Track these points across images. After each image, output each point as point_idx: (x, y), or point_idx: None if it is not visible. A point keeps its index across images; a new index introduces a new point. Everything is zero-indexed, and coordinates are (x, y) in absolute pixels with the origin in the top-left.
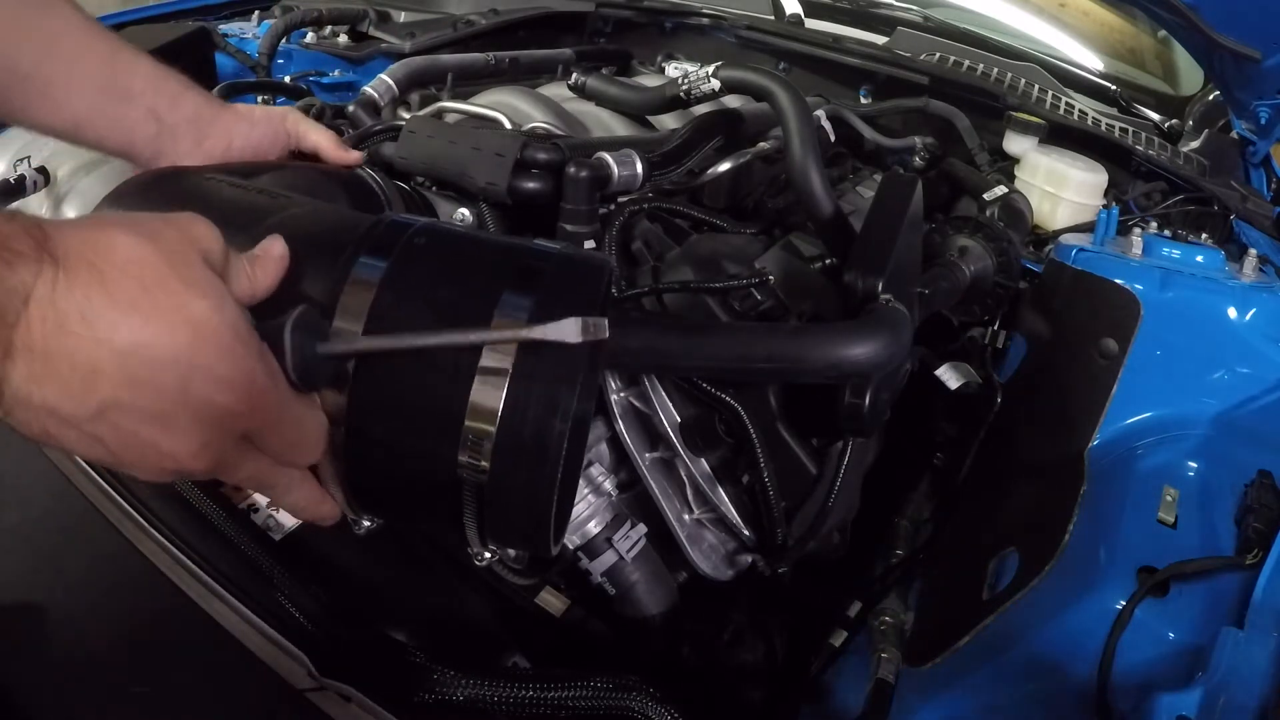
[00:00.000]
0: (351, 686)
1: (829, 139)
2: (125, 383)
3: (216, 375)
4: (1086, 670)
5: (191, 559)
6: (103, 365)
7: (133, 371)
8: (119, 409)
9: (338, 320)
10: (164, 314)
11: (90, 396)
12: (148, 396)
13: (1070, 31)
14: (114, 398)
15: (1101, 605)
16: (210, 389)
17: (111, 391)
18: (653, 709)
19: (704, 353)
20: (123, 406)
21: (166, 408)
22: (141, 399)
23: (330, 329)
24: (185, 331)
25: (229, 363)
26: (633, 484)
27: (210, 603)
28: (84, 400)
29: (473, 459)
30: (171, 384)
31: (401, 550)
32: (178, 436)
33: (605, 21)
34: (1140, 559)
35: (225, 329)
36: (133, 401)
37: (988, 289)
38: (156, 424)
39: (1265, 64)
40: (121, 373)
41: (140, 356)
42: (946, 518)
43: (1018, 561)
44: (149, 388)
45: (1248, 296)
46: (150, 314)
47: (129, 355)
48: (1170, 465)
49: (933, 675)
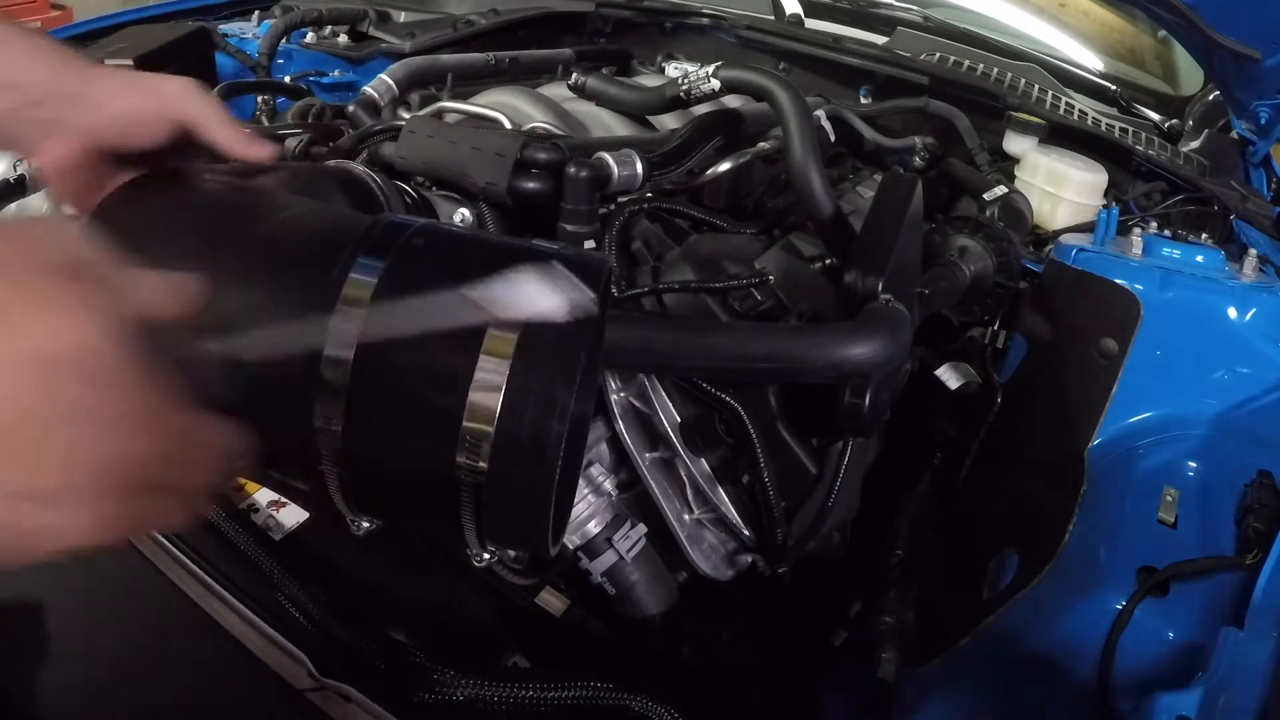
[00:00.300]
0: (351, 686)
1: (829, 139)
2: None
3: (93, 414)
4: (1086, 670)
5: (191, 559)
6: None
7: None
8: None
9: (335, 320)
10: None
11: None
12: (5, 468)
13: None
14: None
15: (1101, 605)
16: (88, 435)
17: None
18: (652, 709)
19: (704, 352)
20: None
21: (34, 478)
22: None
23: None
24: (33, 371)
25: (108, 394)
26: (633, 484)
27: (210, 603)
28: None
29: (470, 460)
30: (33, 440)
31: (401, 550)
32: (65, 509)
33: (605, 21)
34: (1140, 559)
35: (95, 353)
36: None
37: (988, 289)
38: (29, 503)
39: (1265, 64)
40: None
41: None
42: (946, 518)
43: (1017, 561)
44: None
45: (1248, 296)
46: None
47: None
48: (1170, 465)
49: (933, 675)
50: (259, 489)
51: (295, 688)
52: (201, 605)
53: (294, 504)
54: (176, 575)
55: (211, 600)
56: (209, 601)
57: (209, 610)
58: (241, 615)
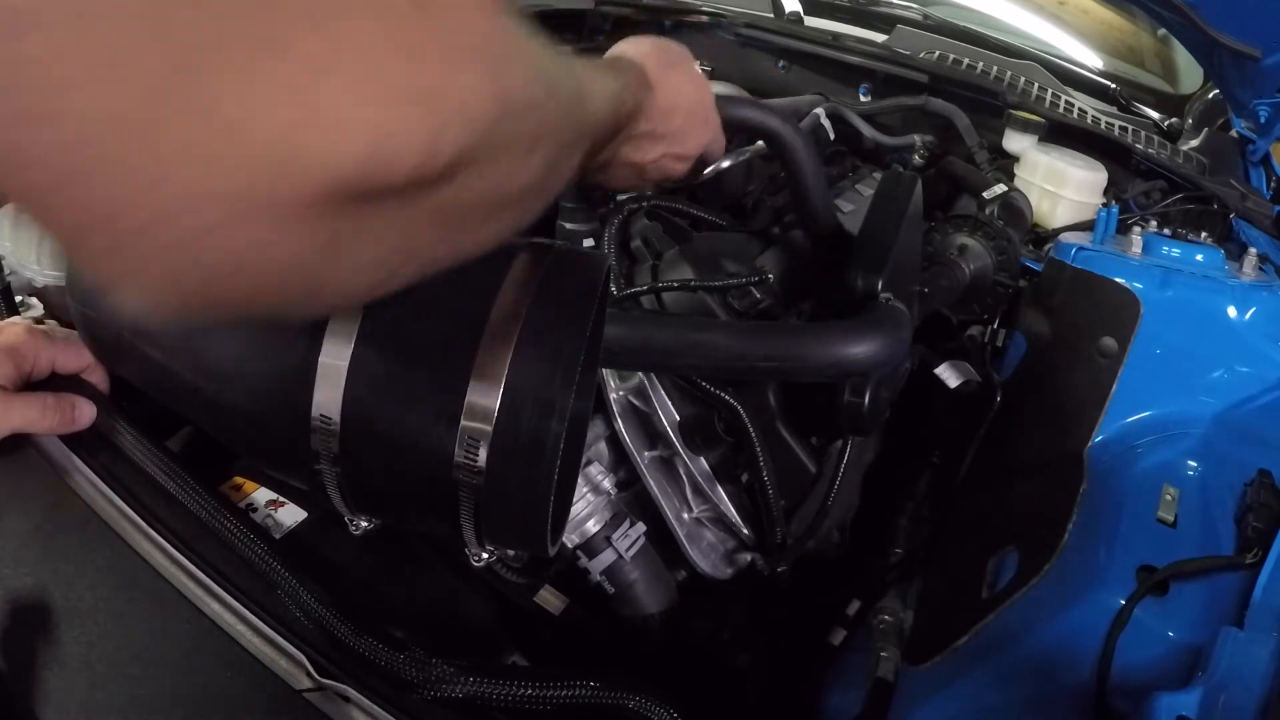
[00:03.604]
0: (351, 687)
1: (828, 137)
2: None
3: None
4: (1086, 670)
5: (190, 559)
6: None
7: None
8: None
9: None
10: None
11: None
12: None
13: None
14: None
15: (1101, 604)
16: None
17: None
18: (651, 708)
19: (703, 351)
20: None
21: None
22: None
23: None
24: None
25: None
26: (632, 482)
27: (208, 603)
28: None
29: (469, 459)
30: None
31: (400, 549)
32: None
33: (604, 19)
34: (1140, 558)
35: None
36: None
37: (987, 287)
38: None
39: (1265, 62)
40: None
41: None
42: (946, 517)
43: (1017, 560)
44: None
45: (1247, 295)
46: None
47: None
48: (1170, 464)
49: (932, 674)
50: (258, 488)
51: (294, 688)
52: (199, 606)
53: (293, 503)
54: (174, 576)
55: (209, 601)
56: (207, 602)
57: (207, 611)
58: (240, 615)
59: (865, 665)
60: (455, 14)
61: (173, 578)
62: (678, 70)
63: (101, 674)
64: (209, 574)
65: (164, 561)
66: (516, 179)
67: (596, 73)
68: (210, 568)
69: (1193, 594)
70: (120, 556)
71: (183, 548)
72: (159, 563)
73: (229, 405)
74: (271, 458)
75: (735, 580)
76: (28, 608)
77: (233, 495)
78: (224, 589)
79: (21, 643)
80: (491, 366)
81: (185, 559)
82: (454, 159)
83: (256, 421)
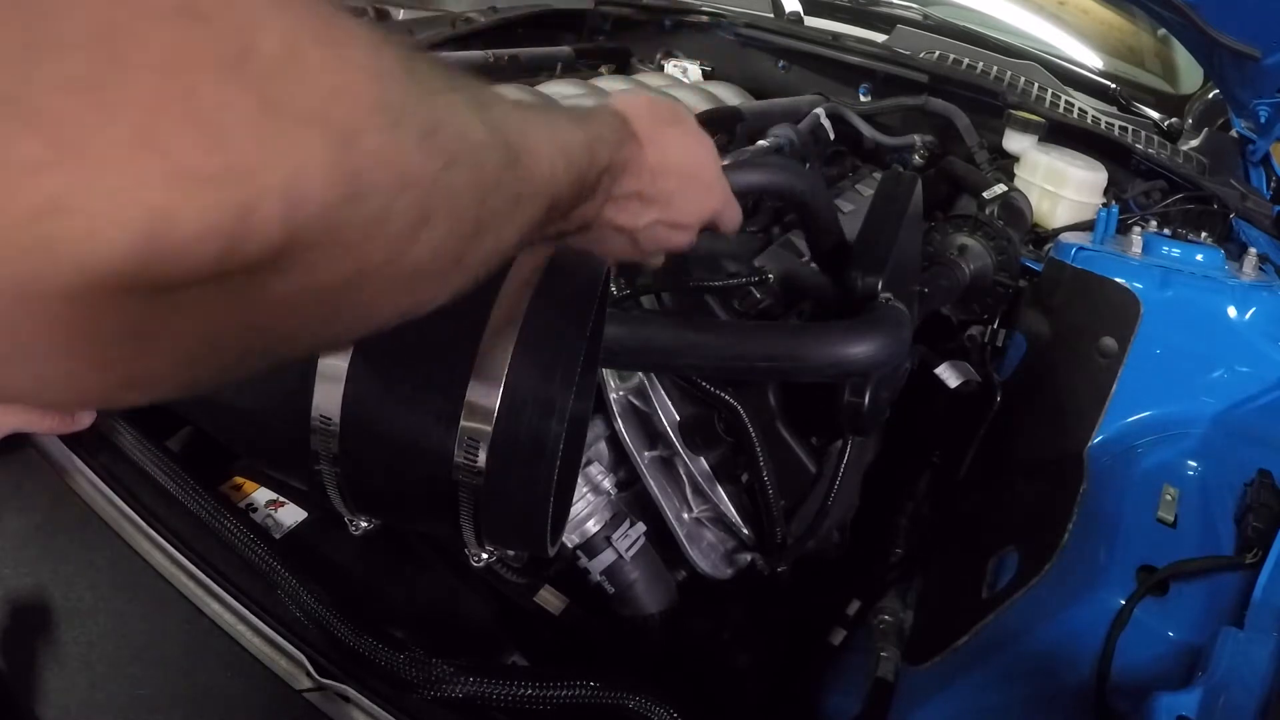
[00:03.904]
0: (351, 687)
1: (828, 137)
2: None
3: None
4: (1086, 670)
5: (190, 559)
6: None
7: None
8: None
9: None
10: None
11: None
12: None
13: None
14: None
15: (1101, 604)
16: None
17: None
18: (651, 708)
19: (703, 351)
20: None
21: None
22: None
23: None
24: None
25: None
26: (632, 482)
27: (208, 603)
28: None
29: (469, 459)
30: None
31: (400, 549)
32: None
33: (605, 19)
34: (1140, 558)
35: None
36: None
37: (987, 287)
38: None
39: (1265, 62)
40: None
41: None
42: (946, 517)
43: (1017, 560)
44: None
45: (1247, 295)
46: None
47: None
48: (1170, 464)
49: (932, 674)
50: (258, 488)
51: (294, 688)
52: (200, 606)
53: (293, 503)
54: (174, 576)
55: (210, 601)
56: (208, 602)
57: (208, 611)
58: (241, 616)
59: (865, 665)
60: (289, 72)
61: (172, 578)
62: (674, 128)
63: (101, 674)
64: (209, 574)
65: (164, 561)
66: (406, 257)
67: (555, 124)
68: (210, 568)
69: (1193, 594)
70: (120, 556)
71: (183, 548)
72: (159, 563)
73: (229, 405)
74: (272, 458)
75: (735, 580)
76: (28, 608)
77: (233, 495)
78: (224, 589)
79: (21, 642)
80: (491, 367)
81: (185, 559)
82: (283, 243)
83: (256, 421)
